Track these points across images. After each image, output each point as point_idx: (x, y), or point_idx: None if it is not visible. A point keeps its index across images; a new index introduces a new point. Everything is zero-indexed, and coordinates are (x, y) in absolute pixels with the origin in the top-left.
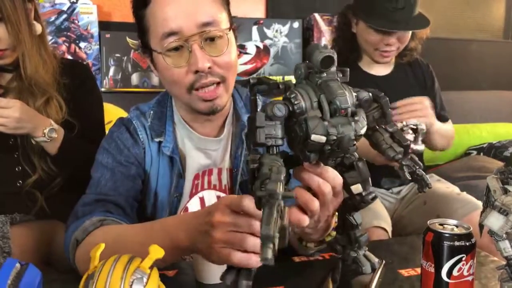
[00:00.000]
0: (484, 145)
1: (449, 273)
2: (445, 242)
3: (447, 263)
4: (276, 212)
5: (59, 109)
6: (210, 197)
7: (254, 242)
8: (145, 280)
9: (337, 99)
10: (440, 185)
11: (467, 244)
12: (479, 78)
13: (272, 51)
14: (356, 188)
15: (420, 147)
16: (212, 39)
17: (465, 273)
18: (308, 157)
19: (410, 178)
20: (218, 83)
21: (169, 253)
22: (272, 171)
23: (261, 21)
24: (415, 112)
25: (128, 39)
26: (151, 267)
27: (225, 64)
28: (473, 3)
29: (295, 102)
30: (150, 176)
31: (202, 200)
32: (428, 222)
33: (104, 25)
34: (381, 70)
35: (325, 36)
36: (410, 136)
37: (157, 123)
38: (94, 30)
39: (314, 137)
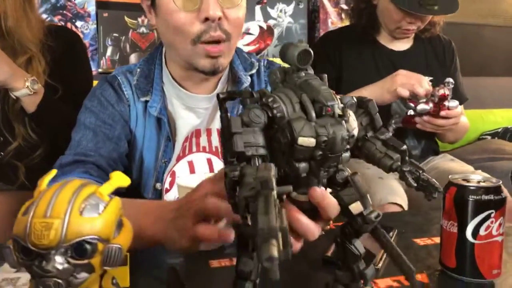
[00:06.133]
0: (499, 130)
1: (475, 233)
2: (470, 196)
3: (473, 221)
4: (274, 205)
5: (40, 70)
6: (200, 160)
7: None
8: (101, 208)
9: (322, 96)
10: (455, 164)
11: (496, 198)
12: (492, 64)
13: (276, 31)
14: (356, 208)
15: (454, 103)
16: None
17: (494, 233)
18: (297, 169)
19: (416, 185)
20: (222, 41)
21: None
22: (259, 169)
23: (265, 1)
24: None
25: (126, 18)
26: (111, 196)
27: (234, 19)
28: None
29: (274, 106)
30: (136, 138)
31: (191, 164)
32: (449, 177)
33: (102, 4)
34: (400, 45)
35: (331, 17)
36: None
37: (144, 81)
38: (91, 8)
39: (301, 140)
